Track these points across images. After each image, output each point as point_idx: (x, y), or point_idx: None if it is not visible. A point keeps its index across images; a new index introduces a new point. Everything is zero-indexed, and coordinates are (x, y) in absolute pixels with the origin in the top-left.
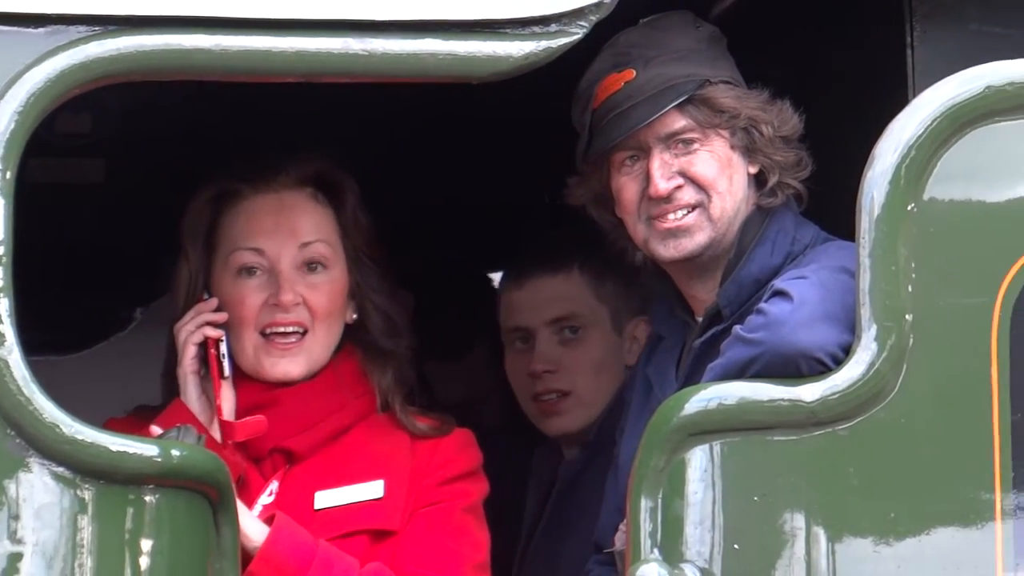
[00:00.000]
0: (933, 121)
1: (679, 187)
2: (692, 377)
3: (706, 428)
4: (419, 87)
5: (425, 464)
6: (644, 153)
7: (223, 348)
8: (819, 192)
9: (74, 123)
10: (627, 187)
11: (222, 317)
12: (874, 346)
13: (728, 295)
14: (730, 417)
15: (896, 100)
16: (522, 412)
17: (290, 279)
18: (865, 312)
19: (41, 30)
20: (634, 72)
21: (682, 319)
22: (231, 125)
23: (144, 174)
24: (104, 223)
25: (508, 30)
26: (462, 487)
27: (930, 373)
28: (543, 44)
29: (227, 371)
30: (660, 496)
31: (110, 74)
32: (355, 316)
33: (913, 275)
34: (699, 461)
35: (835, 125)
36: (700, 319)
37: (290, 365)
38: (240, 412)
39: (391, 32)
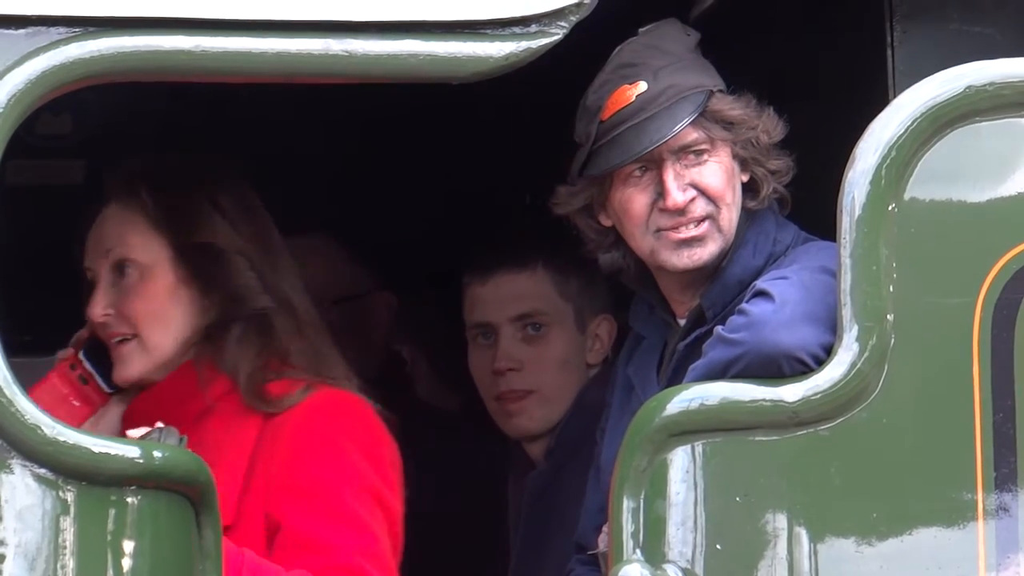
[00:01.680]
0: (914, 121)
1: (693, 199)
2: (675, 379)
3: (688, 428)
4: (400, 87)
5: (271, 443)
6: (655, 165)
7: (87, 366)
8: (800, 192)
9: (54, 124)
10: (636, 199)
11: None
12: (856, 346)
13: (711, 297)
14: (712, 417)
15: (877, 100)
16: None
17: (103, 291)
18: (847, 312)
19: (21, 31)
20: (645, 84)
21: (662, 319)
22: (211, 126)
23: None
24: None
25: (488, 31)
26: (333, 464)
27: (912, 373)
28: (523, 44)
29: (104, 387)
30: (642, 496)
31: (91, 75)
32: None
33: (894, 275)
34: (681, 461)
35: (816, 125)
36: (683, 321)
37: (126, 370)
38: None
39: (371, 33)
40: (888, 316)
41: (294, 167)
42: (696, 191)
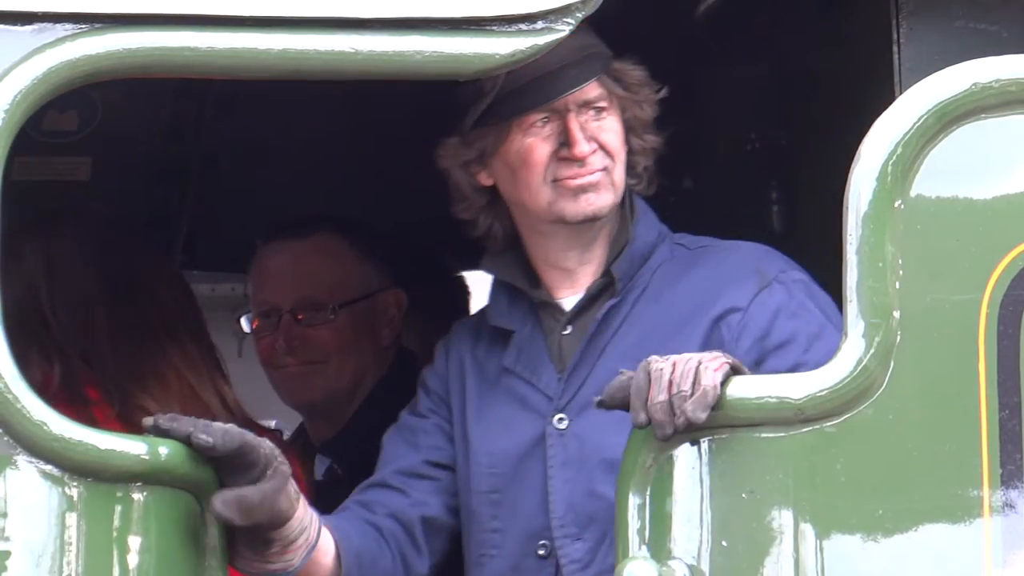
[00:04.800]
0: (920, 118)
1: (594, 151)
2: (586, 354)
3: (694, 425)
4: (405, 83)
5: None
6: (558, 116)
7: None
8: (805, 190)
9: (61, 121)
10: (537, 147)
11: None
12: (861, 343)
13: (622, 269)
14: (718, 414)
15: (883, 97)
16: None
17: None
18: (852, 309)
19: (28, 28)
20: None
21: (529, 305)
22: (218, 122)
23: (130, 172)
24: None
25: (494, 27)
26: None
27: (918, 370)
28: (529, 41)
29: None
30: (648, 493)
31: (97, 72)
32: None
33: (900, 272)
34: (687, 458)
35: (822, 122)
36: (576, 296)
37: None
38: None
39: (377, 29)
40: (894, 313)
41: (297, 166)
42: (596, 144)
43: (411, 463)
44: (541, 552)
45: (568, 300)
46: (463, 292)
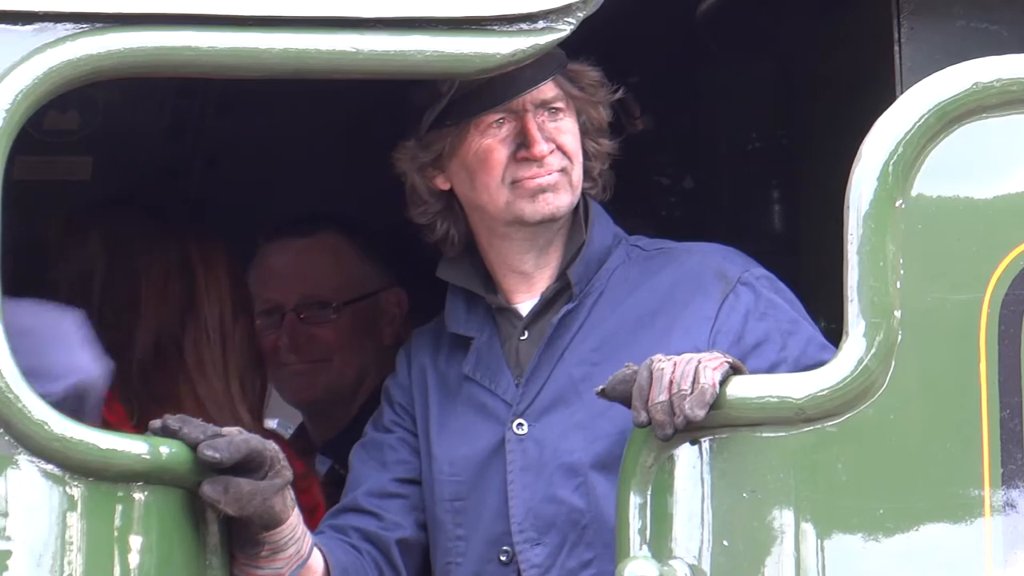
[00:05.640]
0: (921, 117)
1: (552, 151)
2: (544, 359)
3: (694, 424)
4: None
5: None
6: (515, 116)
7: None
8: (807, 189)
9: (61, 120)
10: (495, 149)
11: None
12: (862, 342)
13: (578, 273)
14: (719, 414)
15: (884, 97)
16: None
17: None
18: (853, 308)
19: (29, 28)
20: None
21: (486, 311)
22: (218, 122)
23: (132, 171)
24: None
25: (495, 27)
26: None
27: (919, 369)
28: (530, 41)
29: None
30: (649, 493)
31: (98, 71)
32: None
33: (901, 271)
34: (688, 458)
35: (823, 122)
36: (531, 300)
37: None
38: None
39: (378, 29)
40: (895, 312)
41: (297, 166)
42: (554, 145)
43: (380, 483)
44: (503, 558)
45: (525, 305)
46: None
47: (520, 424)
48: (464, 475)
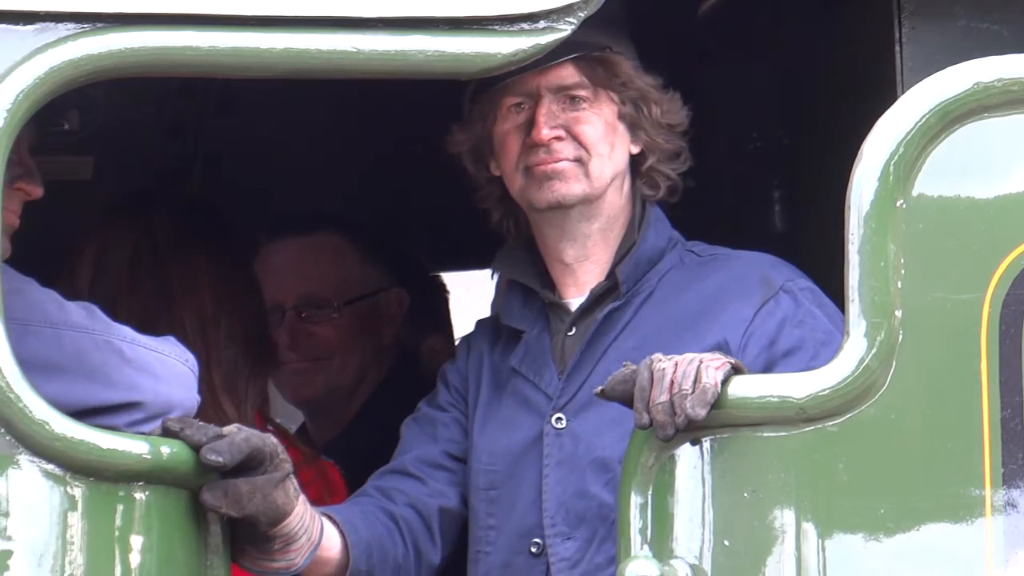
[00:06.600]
0: (922, 117)
1: (559, 138)
2: (586, 356)
3: (695, 424)
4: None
5: None
6: (533, 101)
7: None
8: (807, 189)
9: (62, 120)
10: (511, 135)
11: None
12: (863, 342)
13: (626, 272)
14: (720, 413)
15: (885, 97)
16: None
17: None
18: (854, 308)
19: (30, 27)
20: None
21: (541, 305)
22: (218, 122)
23: (132, 170)
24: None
25: (497, 27)
26: None
27: (920, 369)
28: (532, 40)
29: None
30: (650, 493)
31: (99, 71)
32: None
33: (902, 271)
34: (689, 457)
35: (824, 121)
36: (579, 298)
37: None
38: None
39: (379, 29)
40: (896, 312)
41: (297, 166)
42: (567, 134)
43: (430, 452)
44: (533, 550)
45: (575, 301)
46: (441, 292)
47: (559, 418)
48: (500, 465)
